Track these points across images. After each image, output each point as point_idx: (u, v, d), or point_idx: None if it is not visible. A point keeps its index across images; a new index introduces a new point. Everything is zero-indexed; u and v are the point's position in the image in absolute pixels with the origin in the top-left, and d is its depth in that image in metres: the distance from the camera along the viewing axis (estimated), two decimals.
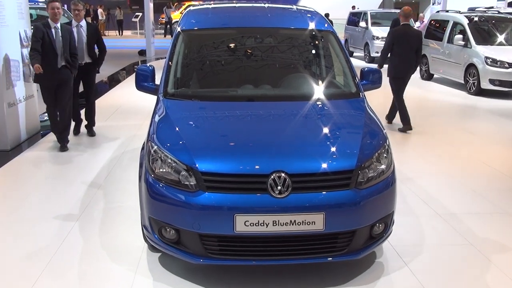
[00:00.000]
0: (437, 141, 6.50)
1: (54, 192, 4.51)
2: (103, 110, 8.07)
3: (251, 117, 3.31)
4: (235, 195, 2.65)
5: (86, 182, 4.74)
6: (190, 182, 2.71)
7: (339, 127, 3.17)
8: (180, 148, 2.85)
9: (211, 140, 2.95)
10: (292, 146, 2.89)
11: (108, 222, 3.86)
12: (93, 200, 4.28)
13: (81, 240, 3.55)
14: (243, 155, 2.79)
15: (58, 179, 4.84)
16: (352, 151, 2.86)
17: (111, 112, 7.99)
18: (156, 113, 3.34)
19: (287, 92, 3.74)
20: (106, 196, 4.40)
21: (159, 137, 3.00)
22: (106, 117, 7.60)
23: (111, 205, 4.19)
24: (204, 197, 2.66)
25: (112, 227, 3.77)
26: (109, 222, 3.85)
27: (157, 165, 2.84)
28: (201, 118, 3.29)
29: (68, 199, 4.30)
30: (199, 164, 2.71)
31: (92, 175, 4.94)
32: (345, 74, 3.83)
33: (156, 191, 2.80)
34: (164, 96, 3.50)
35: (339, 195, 2.71)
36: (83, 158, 5.50)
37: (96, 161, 5.39)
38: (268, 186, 2.65)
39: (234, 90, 3.75)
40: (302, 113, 3.29)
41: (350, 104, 3.55)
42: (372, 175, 2.85)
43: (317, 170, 2.72)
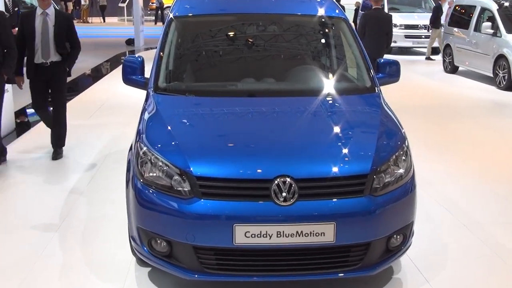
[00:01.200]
0: (461, 142, 6.50)
1: (30, 199, 4.50)
2: (86, 107, 8.06)
3: (253, 115, 3.32)
4: (235, 203, 2.66)
5: (66, 188, 4.73)
6: (183, 188, 2.72)
7: (352, 126, 3.17)
8: (173, 149, 2.85)
9: (208, 140, 2.96)
10: (299, 147, 2.89)
11: (91, 233, 3.85)
12: (74, 208, 4.27)
13: (60, 253, 3.54)
14: (243, 158, 2.80)
15: (34, 185, 4.83)
16: (367, 153, 2.85)
17: (94, 108, 7.95)
18: (146, 110, 3.34)
19: (293, 87, 3.75)
20: (89, 203, 4.39)
21: (149, 137, 2.99)
22: (89, 114, 7.59)
23: (95, 213, 4.19)
24: (199, 205, 2.66)
25: (96, 238, 3.77)
26: (92, 233, 3.84)
27: (146, 168, 2.85)
28: (196, 116, 3.29)
29: (46, 207, 4.28)
30: (194, 167, 2.71)
31: (73, 180, 4.93)
32: (358, 66, 3.82)
33: (145, 198, 2.80)
34: (155, 91, 3.50)
35: (351, 202, 2.70)
36: (63, 161, 5.48)
37: (78, 164, 5.38)
38: (271, 192, 2.65)
39: (234, 84, 3.74)
40: (310, 110, 3.30)
41: (364, 100, 3.55)
42: (389, 180, 2.85)
43: (327, 175, 2.72)
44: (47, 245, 3.65)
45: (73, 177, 5.02)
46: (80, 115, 7.47)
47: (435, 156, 5.92)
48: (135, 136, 3.18)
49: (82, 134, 6.49)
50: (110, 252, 3.55)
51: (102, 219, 4.08)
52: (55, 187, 4.77)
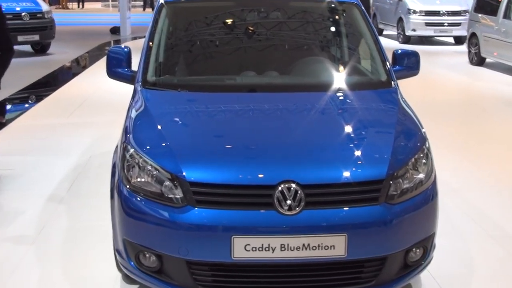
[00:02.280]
0: (490, 143, 6.48)
1: (1, 207, 4.48)
2: (65, 104, 8.04)
3: (253, 113, 3.33)
4: (233, 212, 2.65)
5: (44, 194, 4.70)
6: (175, 195, 2.72)
7: (365, 125, 3.17)
8: (163, 151, 2.85)
9: (203, 141, 2.95)
10: (305, 149, 2.88)
11: (72, 246, 3.83)
12: (52, 218, 4.25)
13: (37, 269, 3.51)
14: (242, 161, 2.80)
15: (7, 191, 4.80)
16: (382, 156, 2.85)
17: (75, 106, 7.92)
18: (133, 108, 3.33)
19: (298, 81, 3.75)
20: (69, 212, 4.38)
21: (136, 137, 2.99)
22: (69, 112, 7.56)
23: (76, 224, 4.18)
24: (193, 214, 2.66)
25: (77, 252, 3.75)
26: (73, 246, 3.82)
27: (133, 173, 2.85)
28: (190, 114, 3.29)
29: (21, 217, 4.26)
30: (187, 172, 2.70)
31: (51, 186, 4.90)
32: (373, 57, 3.83)
33: (132, 207, 2.80)
34: (143, 86, 3.50)
35: (365, 211, 2.70)
36: (39, 165, 5.45)
37: (56, 168, 5.35)
38: (274, 200, 2.64)
39: (232, 78, 3.74)
40: (318, 108, 3.30)
41: (379, 96, 3.55)
42: (408, 187, 2.84)
43: (337, 180, 2.72)
44: (21, 260, 3.62)
45: (51, 182, 4.99)
46: (59, 113, 7.46)
47: (460, 159, 5.89)
48: (121, 136, 3.17)
49: (62, 135, 6.47)
50: (92, 267, 3.53)
51: (84, 230, 4.06)
52: (31, 194, 4.73)
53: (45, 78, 10.32)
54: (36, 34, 12.01)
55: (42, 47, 12.82)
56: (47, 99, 8.50)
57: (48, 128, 6.72)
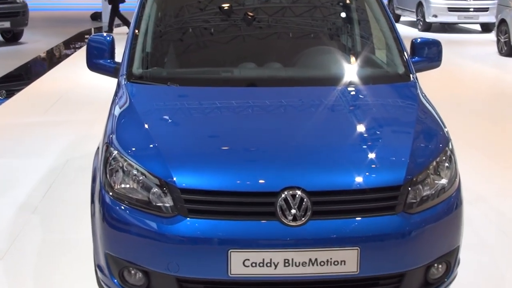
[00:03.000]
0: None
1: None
2: (40, 100, 8.04)
3: (253, 110, 3.33)
4: (230, 222, 2.65)
5: (15, 203, 4.69)
6: (164, 203, 2.72)
7: (380, 124, 3.18)
8: (151, 154, 2.86)
9: (196, 142, 2.95)
10: (312, 151, 2.88)
11: (47, 261, 3.82)
12: (25, 230, 4.24)
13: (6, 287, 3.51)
14: (241, 165, 2.80)
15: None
16: (399, 159, 2.85)
17: (51, 102, 7.97)
18: (116, 104, 3.33)
19: (305, 74, 3.75)
20: (44, 223, 4.36)
21: (120, 138, 3.00)
22: (43, 109, 7.58)
23: (51, 236, 4.16)
24: (184, 225, 2.66)
25: (52, 268, 3.73)
26: (48, 261, 3.81)
27: (117, 178, 2.84)
28: (181, 111, 3.29)
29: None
30: (178, 177, 2.70)
31: (23, 193, 4.89)
32: (388, 47, 3.82)
33: (115, 217, 2.79)
34: (128, 79, 3.50)
35: (380, 222, 2.69)
36: (10, 169, 5.45)
37: (30, 172, 5.33)
38: (277, 209, 2.64)
39: (229, 70, 3.74)
40: (327, 104, 3.30)
41: (396, 91, 3.56)
42: (428, 194, 2.84)
43: (349, 187, 2.72)
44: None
45: (23, 189, 4.97)
46: (33, 111, 7.46)
47: (488, 162, 5.87)
48: (103, 137, 3.16)
49: (36, 135, 6.46)
50: (70, 286, 3.51)
51: (61, 244, 4.04)
52: (0, 202, 4.72)
53: (17, 71, 10.34)
54: (6, 21, 12.02)
55: (13, 35, 12.84)
56: (20, 95, 8.51)
57: (21, 128, 6.69)
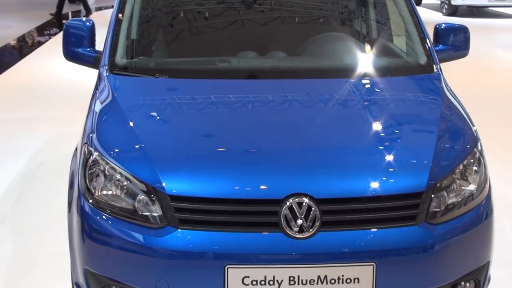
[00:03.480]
0: None
1: None
2: (9, 93, 8.02)
3: (254, 105, 3.29)
4: (227, 234, 2.62)
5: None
6: (152, 213, 2.69)
7: (400, 121, 3.16)
8: (137, 156, 2.85)
9: (188, 143, 2.94)
10: (321, 153, 2.88)
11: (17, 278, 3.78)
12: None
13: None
14: (239, 169, 2.79)
15: None
16: (421, 161, 2.83)
17: (23, 96, 7.97)
18: (97, 99, 3.32)
19: (313, 64, 3.73)
20: (14, 235, 4.32)
21: (101, 138, 2.98)
22: (15, 104, 7.56)
23: (22, 250, 4.12)
24: (175, 237, 2.63)
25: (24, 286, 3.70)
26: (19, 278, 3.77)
27: (98, 184, 2.82)
28: (171, 107, 3.27)
29: None
30: (168, 182, 2.67)
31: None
32: (408, 34, 3.82)
33: (96, 228, 2.77)
34: (111, 71, 3.49)
35: (399, 234, 2.67)
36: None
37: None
38: (281, 218, 2.60)
39: (226, 60, 3.71)
40: (338, 99, 3.28)
41: (417, 84, 3.54)
42: (454, 201, 2.81)
43: (363, 193, 2.69)
44: None
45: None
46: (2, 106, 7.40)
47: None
48: (82, 136, 3.14)
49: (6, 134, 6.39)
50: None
51: (33, 258, 4.01)
52: None
53: None
54: None
55: None
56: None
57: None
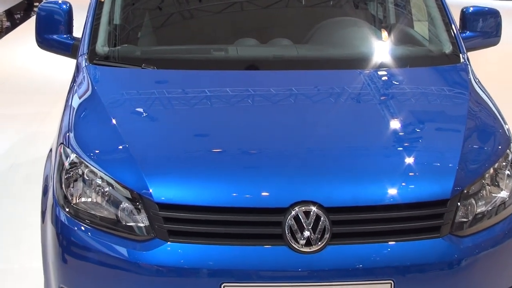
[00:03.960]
0: None
1: None
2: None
3: (254, 100, 3.28)
4: (223, 248, 2.59)
5: None
6: (138, 223, 2.65)
7: (421, 119, 3.16)
8: (120, 158, 2.83)
9: (179, 143, 2.93)
10: (332, 155, 2.88)
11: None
12: None
13: None
14: (238, 173, 2.76)
15: None
16: (446, 164, 2.81)
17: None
18: (75, 93, 3.30)
19: (321, 53, 3.74)
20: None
21: (80, 137, 2.95)
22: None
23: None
24: (164, 252, 2.60)
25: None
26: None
27: (76, 190, 2.78)
28: (159, 102, 3.26)
29: None
30: (156, 188, 2.63)
31: None
32: (431, 18, 3.83)
33: (73, 240, 2.73)
34: (90, 61, 3.48)
35: (420, 247, 2.64)
36: None
37: None
38: (285, 230, 2.56)
39: (223, 48, 3.72)
40: (351, 93, 3.29)
41: (441, 76, 3.56)
42: (484, 210, 2.78)
43: (379, 201, 2.65)
44: None
45: None
46: None
47: None
48: (57, 136, 3.10)
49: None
50: None
51: (2, 276, 4.01)
52: None
53: None
54: None
55: None
56: None
57: None
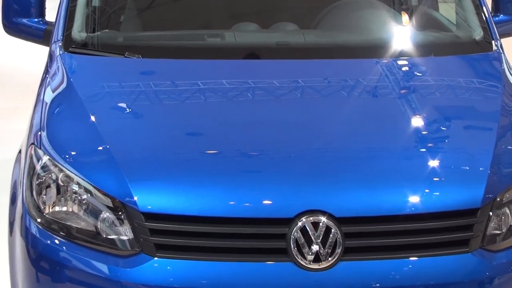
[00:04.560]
0: None
1: None
2: None
3: (255, 94, 3.27)
4: (219, 265, 2.55)
5: None
6: (120, 236, 2.60)
7: (447, 116, 3.14)
8: (100, 161, 2.79)
9: (167, 144, 2.89)
10: (344, 158, 2.85)
11: None
12: None
13: None
14: (235, 178, 2.73)
15: None
16: (476, 168, 2.76)
17: None
18: (48, 86, 3.26)
19: (332, 39, 3.79)
20: None
21: (54, 137, 2.91)
22: None
23: None
24: (150, 268, 2.56)
25: None
26: None
27: (49, 197, 2.73)
28: (145, 96, 3.23)
29: None
30: (141, 196, 2.59)
31: None
32: (459, 0, 3.84)
33: (46, 255, 2.70)
34: (66, 48, 3.45)
35: (446, 264, 2.60)
36: None
37: None
38: (291, 243, 2.51)
39: (219, 34, 3.76)
40: (366, 86, 3.30)
41: (470, 66, 3.58)
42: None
43: (399, 211, 2.60)
44: None
45: None
46: None
47: None
48: (28, 135, 3.05)
49: None
50: None
51: None
52: None
53: None
54: None
55: None
56: None
57: None
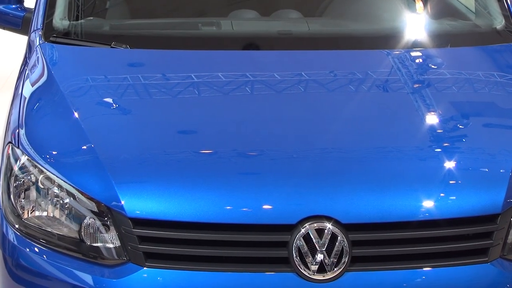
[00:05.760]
0: None
1: None
2: None
3: (253, 89, 3.34)
4: (214, 275, 2.60)
5: None
6: (106, 243, 2.65)
7: (464, 113, 3.19)
8: (84, 161, 2.84)
9: (157, 143, 2.93)
10: (351, 159, 2.89)
11: None
12: None
13: None
14: (232, 181, 2.77)
15: None
16: (496, 170, 2.82)
17: None
18: (27, 79, 3.31)
19: (338, 29, 3.84)
20: None
21: (33, 135, 2.97)
22: None
23: None
24: (139, 280, 2.62)
25: None
26: None
27: (28, 202, 2.80)
28: (133, 91, 3.30)
29: None
30: (128, 200, 2.64)
31: None
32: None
33: (24, 265, 2.78)
34: (46, 38, 3.50)
35: (463, 274, 2.66)
36: None
37: None
38: (293, 252, 2.56)
39: (214, 22, 3.81)
40: (376, 80, 3.34)
41: (491, 58, 3.64)
42: None
43: (411, 217, 2.65)
44: None
45: None
46: None
47: None
48: (5, 133, 3.09)
49: None
50: None
51: None
52: None
53: None
54: None
55: None
56: None
57: None
